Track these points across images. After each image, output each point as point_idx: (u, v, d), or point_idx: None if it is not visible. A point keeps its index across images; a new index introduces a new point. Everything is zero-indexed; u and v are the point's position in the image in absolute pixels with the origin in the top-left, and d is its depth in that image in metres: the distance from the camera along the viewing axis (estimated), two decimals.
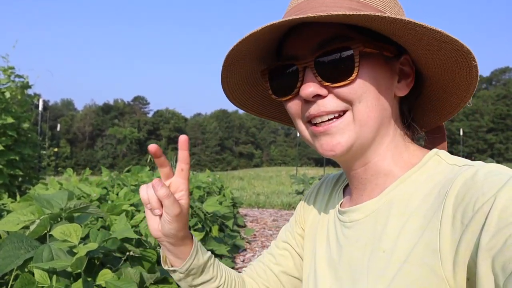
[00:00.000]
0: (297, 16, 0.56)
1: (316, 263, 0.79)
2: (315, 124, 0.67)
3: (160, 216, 0.78)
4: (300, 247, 0.91)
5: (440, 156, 0.67)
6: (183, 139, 0.78)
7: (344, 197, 0.82)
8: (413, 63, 0.70)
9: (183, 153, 0.79)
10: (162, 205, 0.77)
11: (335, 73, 0.63)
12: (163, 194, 0.74)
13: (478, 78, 0.64)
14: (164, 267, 0.86)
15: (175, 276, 0.85)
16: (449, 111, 0.74)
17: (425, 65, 0.68)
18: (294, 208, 9.61)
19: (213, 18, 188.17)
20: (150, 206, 0.77)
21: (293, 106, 0.70)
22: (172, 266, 0.85)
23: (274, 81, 0.71)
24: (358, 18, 0.56)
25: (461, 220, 0.53)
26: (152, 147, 0.76)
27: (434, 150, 0.69)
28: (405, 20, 0.55)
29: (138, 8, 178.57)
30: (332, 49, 0.64)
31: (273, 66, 0.71)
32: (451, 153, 0.72)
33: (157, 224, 0.80)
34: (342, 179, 0.88)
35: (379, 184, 0.71)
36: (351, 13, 0.54)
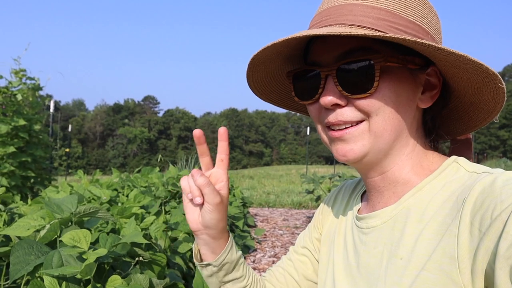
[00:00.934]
0: (324, 32, 0.58)
1: (334, 269, 0.79)
2: (333, 129, 0.68)
3: (201, 205, 0.79)
4: (318, 252, 0.92)
5: (458, 163, 0.66)
6: (222, 130, 0.80)
7: (361, 203, 0.82)
8: (441, 74, 0.68)
9: (222, 144, 0.82)
10: (202, 195, 0.78)
11: (355, 85, 0.64)
12: (202, 183, 0.76)
13: (505, 98, 0.63)
14: (196, 262, 0.87)
15: (207, 271, 0.85)
16: (475, 124, 0.73)
17: (452, 79, 0.67)
18: (304, 207, 9.58)
19: (223, 17, 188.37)
20: (191, 195, 0.78)
21: (314, 111, 0.72)
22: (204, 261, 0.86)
23: (298, 84, 0.73)
24: (384, 37, 0.57)
25: (479, 228, 0.52)
26: (197, 132, 0.79)
27: (453, 157, 0.68)
28: (426, 43, 0.55)
29: (148, 8, 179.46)
30: (354, 60, 0.64)
31: (298, 69, 0.72)
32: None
33: (197, 216, 0.81)
34: (360, 185, 0.88)
35: (397, 192, 0.71)
36: (378, 35, 0.55)
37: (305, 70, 0.71)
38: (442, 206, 0.61)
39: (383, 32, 0.61)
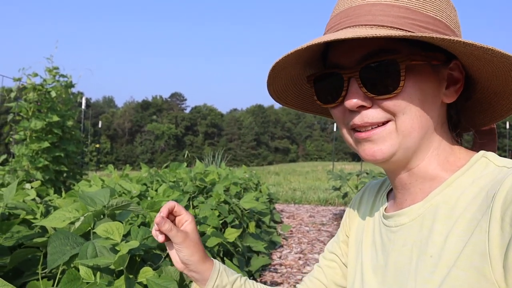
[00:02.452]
0: (349, 35, 0.58)
1: (363, 269, 0.79)
2: (359, 131, 0.68)
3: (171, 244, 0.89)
4: (346, 256, 0.92)
5: (488, 158, 0.65)
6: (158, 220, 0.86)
7: (388, 201, 0.81)
8: (463, 67, 0.67)
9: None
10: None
11: (380, 86, 0.63)
12: (166, 229, 0.84)
13: None
14: None
15: None
16: (500, 114, 0.71)
17: (477, 72, 0.66)
18: (331, 204, 9.53)
19: (250, 14, 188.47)
20: (155, 236, 0.88)
21: (337, 113, 0.71)
22: None
23: (319, 88, 0.72)
24: (412, 37, 0.56)
25: (510, 223, 0.52)
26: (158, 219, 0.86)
27: (481, 152, 0.67)
28: (454, 40, 0.55)
29: (176, 5, 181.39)
30: (378, 61, 0.63)
31: (319, 73, 0.71)
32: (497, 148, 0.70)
33: (178, 257, 0.90)
34: (385, 185, 0.88)
35: (423, 189, 0.70)
36: (405, 35, 0.55)
37: (326, 74, 0.70)
38: (472, 202, 0.60)
39: (406, 30, 0.61)
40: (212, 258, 0.92)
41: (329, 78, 0.70)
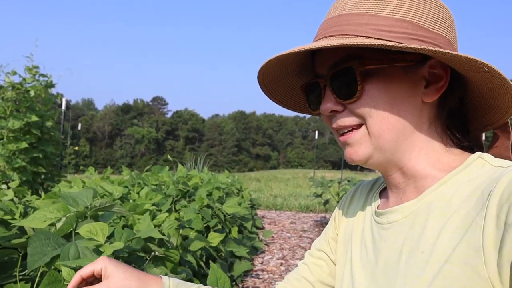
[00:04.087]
0: (300, 49, 0.62)
1: (352, 266, 0.78)
2: (341, 134, 0.72)
3: None
4: (335, 253, 0.90)
5: (484, 159, 0.65)
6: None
7: (380, 200, 0.81)
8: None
9: None
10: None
11: (345, 91, 0.68)
12: None
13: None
14: None
15: None
16: (505, 110, 0.68)
17: (460, 69, 0.65)
18: (312, 211, 9.55)
19: (232, 19, 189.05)
20: None
21: (324, 118, 0.76)
22: None
23: (309, 96, 0.78)
24: (344, 45, 0.60)
25: (505, 220, 0.51)
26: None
27: (478, 153, 0.67)
28: (398, 46, 0.57)
29: (159, 9, 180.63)
30: (340, 69, 0.67)
31: (307, 82, 0.76)
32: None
33: None
34: (378, 183, 0.87)
35: (417, 187, 0.70)
36: (342, 43, 0.59)
37: (311, 83, 0.75)
38: (467, 199, 0.60)
39: (365, 37, 0.63)
40: (160, 276, 0.88)
41: (312, 87, 0.75)
